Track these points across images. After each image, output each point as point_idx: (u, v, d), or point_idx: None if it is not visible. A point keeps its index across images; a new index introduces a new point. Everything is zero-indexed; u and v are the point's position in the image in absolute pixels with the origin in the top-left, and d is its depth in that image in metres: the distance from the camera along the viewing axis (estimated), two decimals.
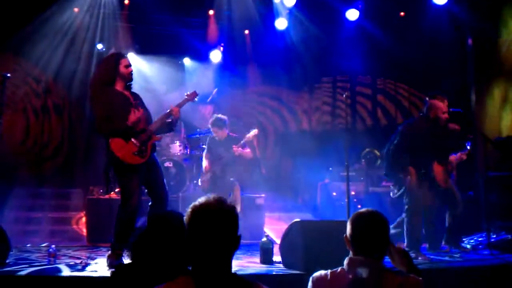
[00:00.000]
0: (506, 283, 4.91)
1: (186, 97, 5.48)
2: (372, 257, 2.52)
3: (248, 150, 7.39)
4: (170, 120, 5.23)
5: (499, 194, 7.41)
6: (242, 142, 7.31)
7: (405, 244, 5.85)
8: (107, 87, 5.00)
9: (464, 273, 4.96)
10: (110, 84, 5.02)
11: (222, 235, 2.07)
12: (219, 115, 7.56)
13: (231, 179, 7.42)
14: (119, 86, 5.07)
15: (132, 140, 4.90)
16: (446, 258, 5.73)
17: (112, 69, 5.04)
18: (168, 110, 5.24)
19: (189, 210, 2.13)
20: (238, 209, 7.22)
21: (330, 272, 2.55)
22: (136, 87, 5.29)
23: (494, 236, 6.33)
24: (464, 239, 6.55)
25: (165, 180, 5.22)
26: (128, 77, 5.13)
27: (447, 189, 6.33)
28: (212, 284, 2.04)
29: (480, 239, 6.56)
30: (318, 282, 2.56)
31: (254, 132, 7.40)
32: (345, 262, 2.55)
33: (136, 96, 5.23)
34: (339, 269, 2.55)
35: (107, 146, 4.90)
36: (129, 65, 5.14)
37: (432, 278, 4.56)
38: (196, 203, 2.13)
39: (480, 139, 6.25)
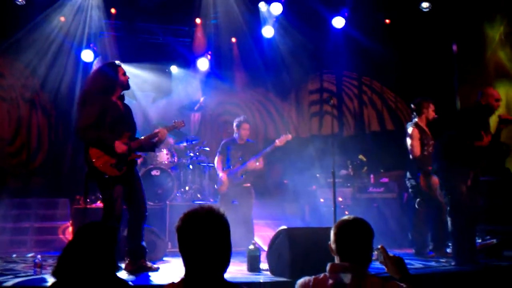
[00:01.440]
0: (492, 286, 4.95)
1: (173, 123, 5.56)
2: (356, 263, 2.55)
3: (259, 162, 7.37)
4: (154, 141, 5.29)
5: (485, 198, 7.46)
6: (271, 146, 7.32)
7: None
8: (105, 96, 5.02)
9: (450, 279, 5.00)
10: (110, 93, 5.05)
11: (212, 242, 2.11)
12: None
13: (248, 185, 7.44)
14: (115, 96, 5.09)
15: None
16: (432, 263, 5.77)
17: (113, 78, 5.08)
18: (156, 131, 5.30)
19: (180, 218, 2.18)
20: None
21: (314, 278, 2.58)
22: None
23: (480, 240, 6.35)
24: (449, 244, 6.58)
25: (145, 197, 5.23)
26: (127, 85, 5.20)
27: (433, 196, 6.39)
28: None
29: None
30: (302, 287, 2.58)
31: (287, 137, 7.35)
32: (327, 267, 2.58)
33: (127, 108, 5.24)
34: (322, 274, 2.58)
35: (85, 153, 4.90)
36: (125, 73, 5.19)
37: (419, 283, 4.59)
38: (187, 211, 2.18)
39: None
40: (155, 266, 5.18)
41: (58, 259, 2.66)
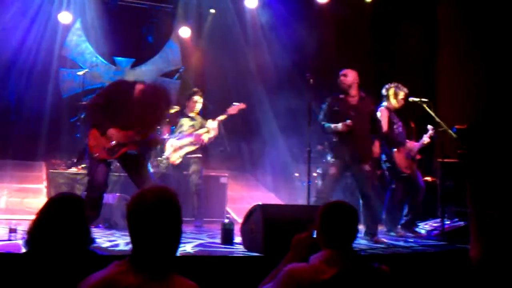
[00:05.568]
0: (456, 269, 5.10)
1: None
2: (346, 249, 2.53)
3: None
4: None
5: (455, 180, 7.61)
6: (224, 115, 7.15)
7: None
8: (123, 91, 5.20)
9: (416, 258, 5.13)
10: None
11: (162, 225, 2.05)
12: None
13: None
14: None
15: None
16: (401, 243, 5.91)
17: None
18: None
19: (129, 200, 2.15)
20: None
21: (307, 266, 2.48)
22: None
23: (448, 222, 6.50)
24: (419, 224, 6.76)
25: (145, 180, 5.26)
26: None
27: (410, 176, 6.55)
28: (150, 267, 2.03)
29: (434, 224, 6.74)
30: (294, 274, 2.43)
31: (239, 106, 7.16)
32: (323, 256, 2.49)
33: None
34: (317, 262, 2.47)
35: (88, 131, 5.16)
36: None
37: (386, 262, 4.70)
38: (136, 193, 2.14)
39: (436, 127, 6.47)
40: None
41: (28, 230, 2.65)
